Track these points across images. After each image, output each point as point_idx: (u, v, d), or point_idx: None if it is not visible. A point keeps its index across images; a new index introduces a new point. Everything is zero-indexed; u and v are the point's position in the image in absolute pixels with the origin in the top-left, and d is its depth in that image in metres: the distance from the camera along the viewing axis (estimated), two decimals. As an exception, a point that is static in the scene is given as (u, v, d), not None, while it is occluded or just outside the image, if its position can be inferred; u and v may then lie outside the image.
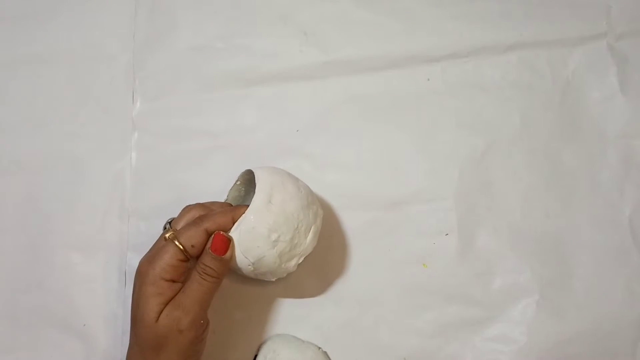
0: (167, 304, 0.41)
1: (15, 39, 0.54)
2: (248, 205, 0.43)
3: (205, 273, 0.42)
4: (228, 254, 0.42)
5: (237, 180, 0.48)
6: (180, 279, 0.42)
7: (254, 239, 0.43)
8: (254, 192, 0.44)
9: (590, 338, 0.50)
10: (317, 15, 0.55)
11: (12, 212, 0.51)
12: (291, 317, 0.50)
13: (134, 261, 0.50)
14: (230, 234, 0.43)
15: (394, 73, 0.54)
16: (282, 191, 0.44)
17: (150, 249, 0.43)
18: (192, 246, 0.42)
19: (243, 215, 0.43)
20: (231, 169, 0.51)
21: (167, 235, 0.43)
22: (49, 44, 0.54)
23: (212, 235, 0.42)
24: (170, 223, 0.45)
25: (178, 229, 0.43)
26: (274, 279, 0.46)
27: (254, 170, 0.45)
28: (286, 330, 0.50)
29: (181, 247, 0.42)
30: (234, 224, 0.43)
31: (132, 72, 0.54)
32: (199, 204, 0.46)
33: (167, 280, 0.41)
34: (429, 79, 0.54)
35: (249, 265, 0.44)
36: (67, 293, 0.50)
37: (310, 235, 0.45)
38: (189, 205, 0.46)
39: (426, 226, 0.52)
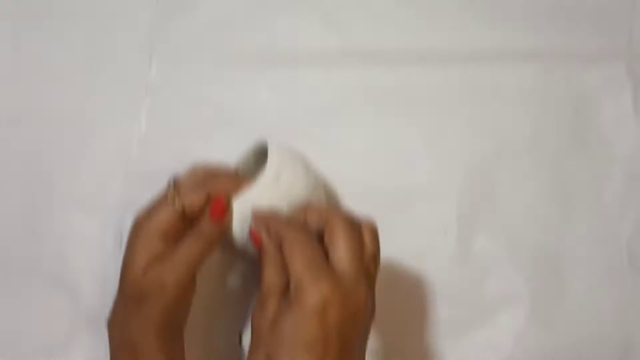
0: (155, 259, 0.41)
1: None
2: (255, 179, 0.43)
3: (199, 235, 0.41)
4: (226, 221, 0.42)
5: (249, 151, 0.48)
6: (173, 238, 0.42)
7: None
8: (264, 167, 0.43)
9: (575, 354, 0.50)
10: (341, 1, 0.55)
11: (14, 163, 0.51)
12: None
13: (132, 225, 0.50)
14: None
15: (410, 69, 0.54)
16: (292, 172, 0.44)
17: (150, 204, 0.43)
18: (191, 207, 0.42)
19: (248, 188, 0.43)
20: (237, 146, 0.51)
21: (167, 193, 0.42)
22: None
23: (213, 199, 0.42)
24: (174, 181, 0.44)
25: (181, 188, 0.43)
26: None
27: (268, 144, 0.45)
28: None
29: (179, 207, 0.41)
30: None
31: (151, 37, 0.54)
32: (207, 166, 0.45)
33: (159, 236, 0.41)
34: (445, 79, 0.54)
35: (245, 241, 0.44)
36: (61, 248, 0.50)
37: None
38: (196, 165, 0.45)
39: (425, 224, 0.52)
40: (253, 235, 0.42)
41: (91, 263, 0.50)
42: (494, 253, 0.51)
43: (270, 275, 0.40)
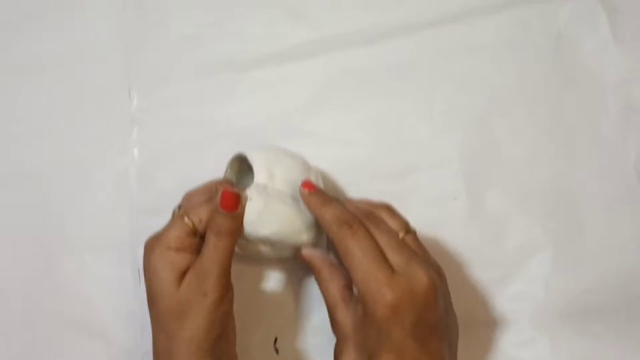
0: (180, 271, 0.40)
1: (4, 49, 0.54)
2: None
3: (219, 232, 0.41)
4: (240, 209, 0.42)
5: (226, 170, 0.48)
6: (187, 250, 0.41)
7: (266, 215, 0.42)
8: (250, 177, 0.44)
9: (608, 287, 0.50)
10: (305, -6, 0.55)
11: (22, 222, 0.51)
12: (304, 298, 0.50)
13: (147, 256, 0.50)
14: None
15: (386, 44, 0.54)
16: (279, 164, 0.44)
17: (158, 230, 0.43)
18: (200, 220, 0.42)
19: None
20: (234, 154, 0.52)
21: (174, 214, 0.43)
22: (38, 49, 0.54)
23: (220, 192, 0.41)
24: (179, 207, 0.45)
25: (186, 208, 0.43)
26: (289, 254, 0.46)
27: (245, 153, 0.45)
28: (298, 315, 0.50)
29: (188, 221, 0.41)
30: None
31: (126, 68, 0.53)
32: (198, 187, 0.46)
33: (174, 250, 0.41)
34: (421, 47, 0.54)
35: (264, 243, 0.44)
36: (83, 295, 0.50)
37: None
38: (189, 191, 0.45)
39: (434, 193, 0.52)
40: (302, 257, 0.44)
41: (114, 302, 0.50)
42: (507, 207, 0.51)
43: (330, 291, 0.43)
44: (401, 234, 0.42)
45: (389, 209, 0.44)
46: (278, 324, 0.49)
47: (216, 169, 0.51)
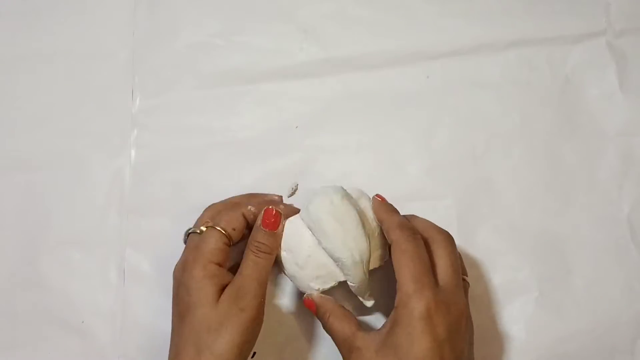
0: (221, 286, 0.41)
1: (15, 35, 0.54)
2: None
3: (259, 250, 0.42)
4: (280, 228, 0.43)
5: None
6: (225, 264, 0.42)
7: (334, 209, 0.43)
8: None
9: (589, 335, 0.50)
10: (317, 13, 0.55)
11: (11, 209, 0.51)
12: (289, 325, 0.50)
13: (133, 258, 0.50)
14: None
15: (393, 70, 0.54)
16: (367, 202, 0.46)
17: (184, 251, 0.44)
18: (234, 229, 0.43)
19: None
20: (230, 166, 0.52)
21: (202, 227, 0.43)
22: (48, 41, 0.54)
23: (262, 211, 0.43)
24: (189, 231, 0.45)
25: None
26: (310, 278, 0.45)
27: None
28: (279, 338, 0.50)
29: (223, 231, 0.42)
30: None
31: (132, 69, 0.54)
32: (221, 201, 0.46)
33: (216, 264, 0.42)
34: (428, 77, 0.54)
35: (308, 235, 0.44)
36: (65, 290, 0.50)
37: (380, 251, 0.45)
38: (211, 205, 0.46)
39: (425, 224, 0.52)
40: (310, 302, 0.45)
41: (95, 300, 0.50)
42: (497, 245, 0.51)
43: (344, 326, 0.42)
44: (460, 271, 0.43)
45: (453, 241, 0.44)
46: (259, 340, 0.49)
47: (211, 177, 0.52)
